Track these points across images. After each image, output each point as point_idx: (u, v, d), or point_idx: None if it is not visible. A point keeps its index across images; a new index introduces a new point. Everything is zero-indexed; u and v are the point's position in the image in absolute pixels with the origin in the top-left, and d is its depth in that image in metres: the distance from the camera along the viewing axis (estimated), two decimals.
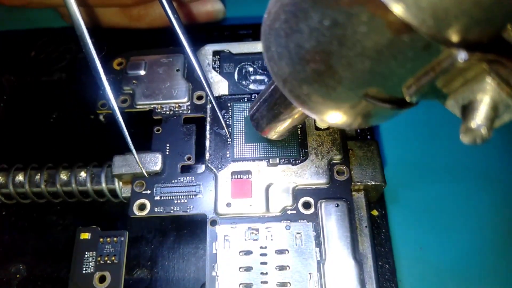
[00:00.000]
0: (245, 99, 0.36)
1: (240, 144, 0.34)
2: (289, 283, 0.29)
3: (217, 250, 0.30)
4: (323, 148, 0.33)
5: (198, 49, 0.39)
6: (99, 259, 0.32)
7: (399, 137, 0.40)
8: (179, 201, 0.33)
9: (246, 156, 0.33)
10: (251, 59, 0.39)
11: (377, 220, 0.35)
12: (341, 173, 0.32)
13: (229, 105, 0.36)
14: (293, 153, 0.33)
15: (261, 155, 0.33)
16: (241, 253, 0.30)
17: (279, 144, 0.33)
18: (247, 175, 0.33)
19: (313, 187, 0.32)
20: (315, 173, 0.32)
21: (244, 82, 0.38)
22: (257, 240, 0.31)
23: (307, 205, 0.32)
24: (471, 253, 0.36)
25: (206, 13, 0.43)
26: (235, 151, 0.34)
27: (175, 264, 0.34)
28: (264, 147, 0.33)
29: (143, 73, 0.38)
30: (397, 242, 0.35)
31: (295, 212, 0.32)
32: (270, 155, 0.33)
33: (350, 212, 0.31)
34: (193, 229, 0.35)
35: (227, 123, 0.35)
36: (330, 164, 0.33)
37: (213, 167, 0.33)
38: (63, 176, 0.35)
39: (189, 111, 0.37)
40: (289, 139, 0.33)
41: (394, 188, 0.37)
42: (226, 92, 0.37)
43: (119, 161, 0.34)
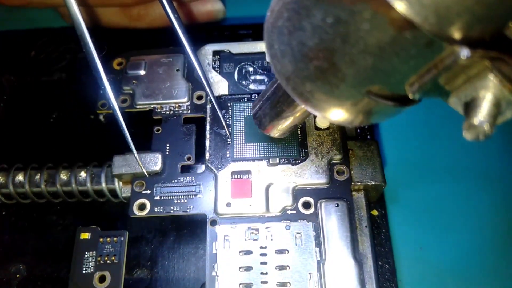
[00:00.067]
0: (245, 99, 0.36)
1: (240, 144, 0.34)
2: (289, 283, 0.29)
3: (217, 250, 0.30)
4: (323, 148, 0.33)
5: (198, 49, 0.39)
6: (99, 259, 0.32)
7: (399, 137, 0.40)
8: (179, 201, 0.33)
9: (246, 156, 0.33)
10: (251, 59, 0.39)
11: (377, 220, 0.35)
12: (341, 173, 0.32)
13: (229, 105, 0.36)
14: (293, 153, 0.33)
15: (261, 155, 0.33)
16: (241, 253, 0.30)
17: (279, 144, 0.33)
18: (247, 175, 0.33)
19: (313, 187, 0.32)
20: (315, 173, 0.32)
21: (244, 82, 0.38)
22: (257, 240, 0.31)
23: (307, 205, 0.32)
24: (471, 253, 0.36)
25: (206, 12, 0.43)
26: (235, 151, 0.34)
27: (175, 264, 0.34)
28: (264, 147, 0.33)
29: (143, 73, 0.38)
30: (397, 242, 0.35)
31: (295, 212, 0.32)
32: (270, 155, 0.33)
33: (350, 212, 0.31)
34: (193, 229, 0.35)
35: (227, 123, 0.35)
36: (330, 164, 0.33)
37: (213, 167, 0.33)
38: (63, 176, 0.35)
39: (189, 111, 0.37)
40: (289, 139, 0.33)
41: (394, 188, 0.37)
42: (226, 92, 0.37)
43: (119, 161, 0.34)
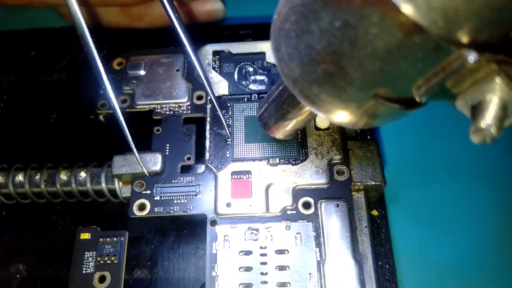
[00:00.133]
0: (245, 99, 0.36)
1: (240, 144, 0.34)
2: (289, 283, 0.29)
3: (217, 250, 0.30)
4: (323, 148, 0.33)
5: (198, 49, 0.39)
6: (99, 259, 0.32)
7: (399, 137, 0.40)
8: (179, 201, 0.33)
9: (246, 156, 0.33)
10: (251, 59, 0.39)
11: (377, 220, 0.35)
12: (341, 173, 0.32)
13: (229, 105, 0.36)
14: (293, 153, 0.33)
15: (261, 155, 0.33)
16: (241, 253, 0.30)
17: (279, 144, 0.33)
18: (247, 175, 0.33)
19: (313, 187, 0.32)
20: (315, 173, 0.32)
21: (244, 82, 0.38)
22: (257, 240, 0.31)
23: (307, 205, 0.32)
24: (471, 253, 0.36)
25: (206, 12, 0.43)
26: (235, 151, 0.34)
27: (175, 264, 0.34)
28: (264, 147, 0.33)
29: (143, 73, 0.38)
30: (397, 242, 0.35)
31: (295, 212, 0.32)
32: (270, 155, 0.33)
33: (350, 212, 0.31)
34: (193, 229, 0.35)
35: (227, 123, 0.35)
36: (330, 164, 0.33)
37: (213, 167, 0.33)
38: (63, 176, 0.35)
39: (189, 111, 0.37)
40: (289, 139, 0.33)
41: (394, 188, 0.37)
42: (226, 92, 0.37)
43: (119, 161, 0.34)
